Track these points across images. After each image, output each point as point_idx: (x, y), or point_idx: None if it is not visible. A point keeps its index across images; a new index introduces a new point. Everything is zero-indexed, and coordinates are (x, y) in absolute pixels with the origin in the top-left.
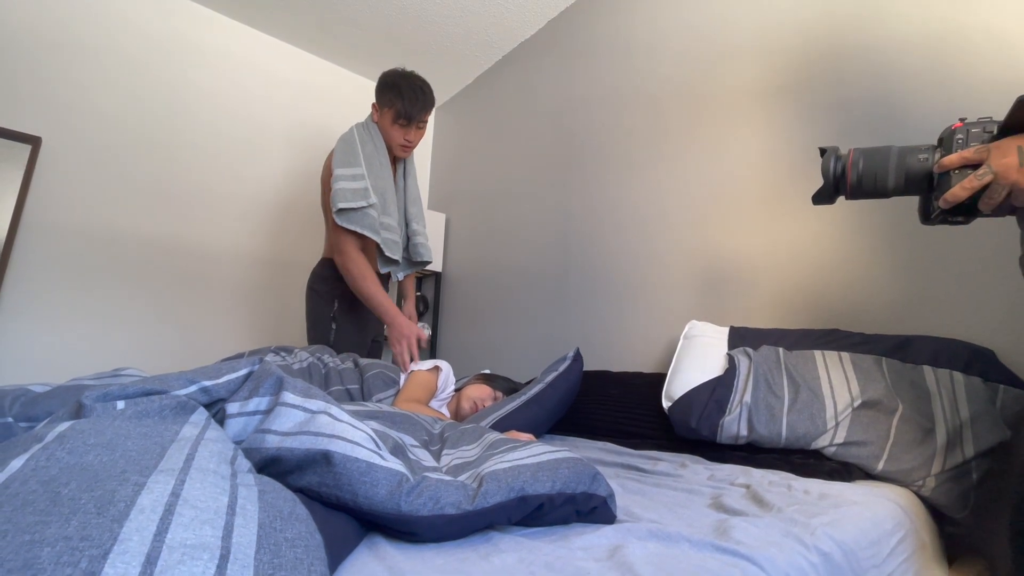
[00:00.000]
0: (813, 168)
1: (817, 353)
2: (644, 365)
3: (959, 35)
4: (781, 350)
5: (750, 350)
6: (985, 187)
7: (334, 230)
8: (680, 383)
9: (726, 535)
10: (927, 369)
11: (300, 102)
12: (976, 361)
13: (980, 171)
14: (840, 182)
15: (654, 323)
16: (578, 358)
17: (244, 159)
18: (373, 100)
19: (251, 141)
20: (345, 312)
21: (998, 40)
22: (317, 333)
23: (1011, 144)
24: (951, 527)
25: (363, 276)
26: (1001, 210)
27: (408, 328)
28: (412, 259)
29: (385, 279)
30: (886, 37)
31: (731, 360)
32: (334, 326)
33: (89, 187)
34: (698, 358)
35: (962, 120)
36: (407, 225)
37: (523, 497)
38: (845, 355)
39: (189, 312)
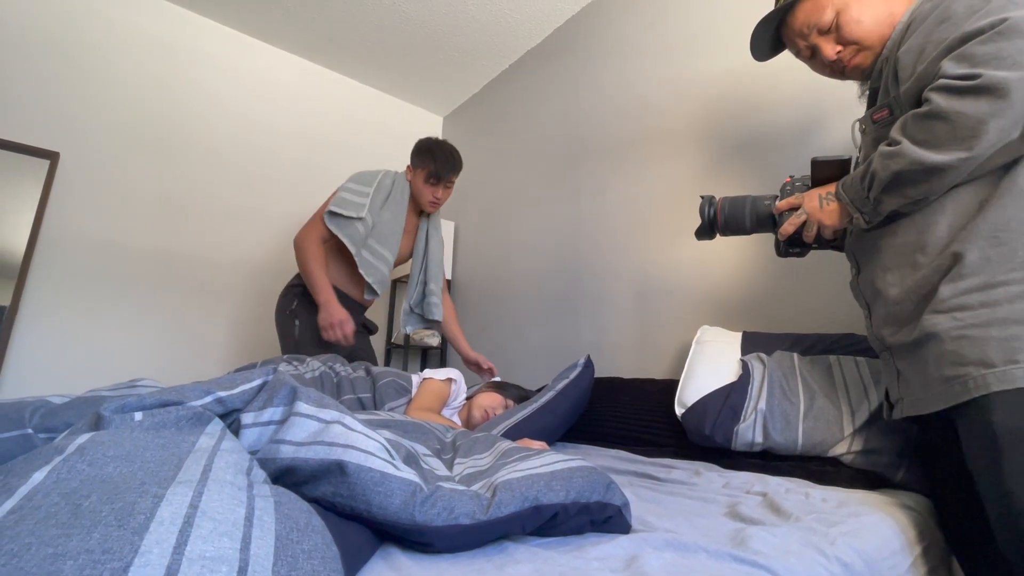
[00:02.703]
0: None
1: (832, 358)
2: (656, 371)
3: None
4: (795, 355)
5: (763, 355)
6: (804, 224)
7: (314, 219)
8: (693, 389)
9: (743, 544)
10: None
11: (311, 114)
12: None
13: (799, 212)
14: (713, 223)
15: (665, 328)
16: (589, 365)
17: (258, 172)
18: (408, 163)
19: (265, 154)
20: (306, 307)
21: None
22: (283, 329)
23: (815, 193)
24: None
25: (315, 259)
26: (822, 244)
27: (339, 313)
28: (425, 316)
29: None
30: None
31: (745, 366)
32: (297, 322)
33: (106, 201)
34: (711, 364)
35: (791, 176)
36: (425, 283)
37: (537, 507)
38: (861, 360)
39: (204, 322)
